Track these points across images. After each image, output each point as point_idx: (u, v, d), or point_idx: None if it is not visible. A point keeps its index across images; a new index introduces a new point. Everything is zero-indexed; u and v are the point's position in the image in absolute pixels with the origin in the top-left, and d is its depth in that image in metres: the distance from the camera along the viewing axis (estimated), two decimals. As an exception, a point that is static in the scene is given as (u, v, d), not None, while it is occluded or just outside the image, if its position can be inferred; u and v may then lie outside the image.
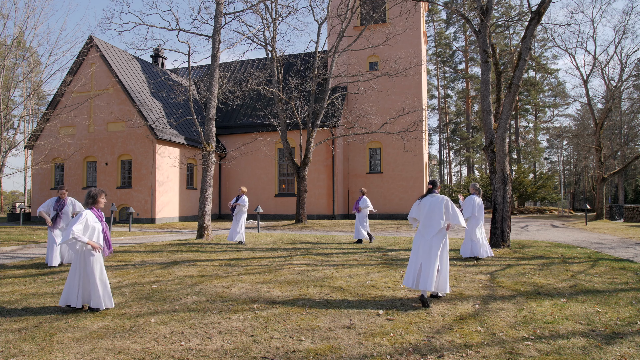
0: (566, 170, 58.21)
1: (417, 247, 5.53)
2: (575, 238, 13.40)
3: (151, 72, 26.07)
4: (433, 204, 5.52)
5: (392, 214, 25.77)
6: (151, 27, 18.01)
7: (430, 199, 5.58)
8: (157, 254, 9.90)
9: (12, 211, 29.45)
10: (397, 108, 24.26)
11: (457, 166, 61.70)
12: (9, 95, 17.74)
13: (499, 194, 10.97)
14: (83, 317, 4.79)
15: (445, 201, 5.48)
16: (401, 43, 25.51)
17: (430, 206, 5.52)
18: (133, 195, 21.75)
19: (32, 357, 3.64)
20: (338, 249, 10.59)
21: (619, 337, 4.08)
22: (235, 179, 26.58)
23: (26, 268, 8.04)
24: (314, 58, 21.41)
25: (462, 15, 12.11)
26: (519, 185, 34.90)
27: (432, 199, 5.56)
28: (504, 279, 6.82)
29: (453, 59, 51.80)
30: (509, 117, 11.11)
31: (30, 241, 12.70)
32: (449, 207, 5.47)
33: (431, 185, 5.70)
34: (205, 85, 19.94)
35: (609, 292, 5.84)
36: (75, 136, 22.93)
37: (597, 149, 25.13)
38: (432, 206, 5.51)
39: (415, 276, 5.39)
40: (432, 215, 5.47)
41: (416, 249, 5.52)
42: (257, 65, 31.44)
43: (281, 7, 19.62)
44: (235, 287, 6.23)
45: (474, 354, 3.67)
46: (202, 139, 13.65)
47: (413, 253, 5.56)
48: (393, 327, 4.40)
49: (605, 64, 25.77)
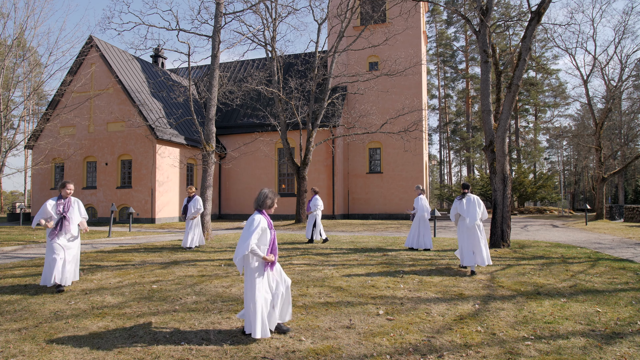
0: (566, 170, 58.21)
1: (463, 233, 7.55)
2: (575, 238, 13.40)
3: (151, 72, 26.07)
4: (470, 201, 7.51)
5: (392, 214, 25.76)
6: (151, 27, 18.03)
7: (469, 197, 7.54)
8: (157, 254, 9.90)
9: (12, 211, 29.47)
10: (397, 108, 24.25)
11: (457, 166, 61.72)
12: (9, 95, 17.73)
13: (499, 194, 10.97)
14: (83, 317, 4.79)
15: (478, 199, 7.51)
16: (401, 43, 25.51)
17: (468, 203, 7.53)
18: (133, 195, 21.75)
19: (32, 357, 3.64)
20: (338, 249, 10.58)
21: (619, 337, 4.08)
22: (235, 179, 26.57)
23: (26, 268, 8.04)
24: (314, 58, 21.40)
25: (462, 16, 12.11)
26: (519, 185, 34.90)
27: (470, 198, 7.53)
28: (504, 279, 6.82)
29: (454, 58, 51.82)
30: (509, 117, 11.11)
31: (30, 241, 12.70)
32: (481, 204, 7.50)
33: (465, 188, 7.67)
34: (205, 85, 19.94)
35: (609, 292, 5.84)
36: (75, 136, 22.93)
37: (597, 149, 25.13)
38: (469, 203, 7.50)
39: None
40: (472, 209, 7.44)
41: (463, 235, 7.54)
42: (257, 65, 31.44)
43: (281, 7, 19.61)
44: (235, 287, 6.23)
45: (474, 354, 3.67)
46: (202, 139, 13.65)
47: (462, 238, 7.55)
48: (393, 327, 4.40)
49: (605, 64, 25.77)
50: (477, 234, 7.39)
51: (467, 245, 7.40)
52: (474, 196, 7.53)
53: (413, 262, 8.53)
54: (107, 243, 12.34)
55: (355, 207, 26.71)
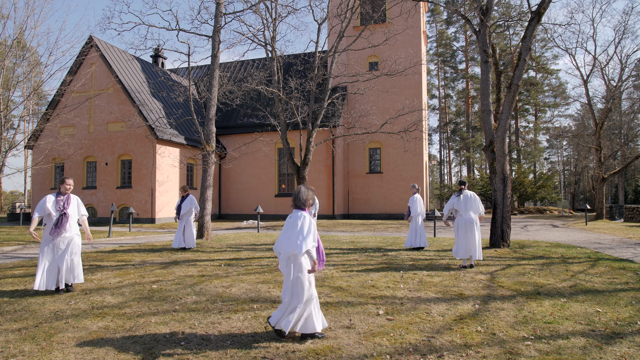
0: (566, 170, 58.20)
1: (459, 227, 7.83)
2: (575, 238, 13.39)
3: (151, 72, 26.07)
4: (467, 197, 7.82)
5: (392, 214, 25.76)
6: (151, 27, 18.01)
7: (466, 193, 7.84)
8: (157, 253, 9.90)
9: (12, 211, 29.46)
10: (397, 108, 24.24)
11: (457, 166, 61.71)
12: (9, 95, 17.72)
13: (499, 194, 10.97)
14: (83, 317, 4.79)
15: (474, 195, 7.86)
16: (401, 43, 25.51)
17: (465, 199, 7.81)
18: (133, 195, 21.75)
19: (32, 357, 3.64)
20: (338, 249, 10.58)
21: (619, 337, 4.08)
22: (235, 179, 26.58)
23: (26, 268, 8.04)
24: (314, 58, 21.37)
25: (462, 15, 12.11)
26: (519, 185, 34.89)
27: (467, 194, 7.83)
28: (504, 279, 6.82)
29: (454, 58, 51.81)
30: (509, 117, 11.11)
31: (30, 241, 12.69)
32: (477, 199, 7.85)
33: (461, 185, 7.90)
34: (205, 85, 19.94)
35: (609, 292, 5.84)
36: (75, 136, 22.93)
37: (597, 149, 25.12)
38: (466, 199, 7.80)
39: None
40: (469, 205, 7.78)
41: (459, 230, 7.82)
42: (257, 65, 31.44)
43: (281, 7, 19.57)
44: (235, 287, 6.23)
45: (474, 354, 3.67)
46: (202, 139, 13.65)
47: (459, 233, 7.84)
48: (393, 327, 4.40)
49: (605, 64, 25.78)
50: (473, 229, 7.70)
51: (463, 240, 7.74)
52: (470, 192, 7.87)
53: (413, 262, 8.53)
54: (107, 243, 12.34)
55: (355, 207, 26.70)
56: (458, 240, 7.84)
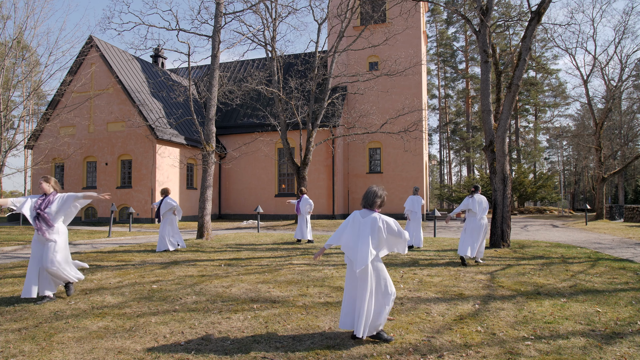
0: (566, 170, 58.20)
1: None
2: (575, 238, 13.39)
3: (151, 72, 26.07)
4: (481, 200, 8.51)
5: (392, 214, 25.74)
6: (151, 27, 18.03)
7: (479, 196, 8.52)
8: (157, 254, 9.90)
9: (12, 211, 29.46)
10: (397, 108, 24.25)
11: (457, 166, 61.73)
12: (9, 95, 17.72)
13: (499, 194, 10.97)
14: (83, 317, 4.79)
15: (485, 199, 8.55)
16: (401, 43, 25.51)
17: (479, 201, 8.48)
18: (133, 195, 21.75)
19: (32, 357, 3.64)
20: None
21: (619, 337, 4.08)
22: (235, 179, 26.58)
23: (26, 268, 8.03)
24: (314, 58, 21.39)
25: (462, 15, 12.11)
26: (519, 185, 34.89)
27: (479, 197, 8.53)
28: (504, 279, 6.82)
29: (454, 58, 51.80)
30: (509, 117, 11.11)
31: (30, 241, 12.69)
32: (486, 202, 8.53)
33: (474, 188, 8.60)
34: (205, 85, 19.94)
35: (609, 292, 5.84)
36: (75, 136, 22.93)
37: (597, 149, 25.12)
38: (481, 201, 8.48)
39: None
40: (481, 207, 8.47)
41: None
42: (257, 65, 31.43)
43: (281, 7, 19.60)
44: (235, 287, 6.23)
45: (474, 354, 3.67)
46: (202, 139, 13.65)
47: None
48: (393, 327, 4.40)
49: (605, 64, 25.78)
50: (482, 230, 8.31)
51: (469, 237, 8.26)
52: (482, 196, 8.57)
53: (413, 261, 8.53)
54: (107, 243, 12.34)
55: (355, 207, 26.70)
56: (464, 238, 8.32)
